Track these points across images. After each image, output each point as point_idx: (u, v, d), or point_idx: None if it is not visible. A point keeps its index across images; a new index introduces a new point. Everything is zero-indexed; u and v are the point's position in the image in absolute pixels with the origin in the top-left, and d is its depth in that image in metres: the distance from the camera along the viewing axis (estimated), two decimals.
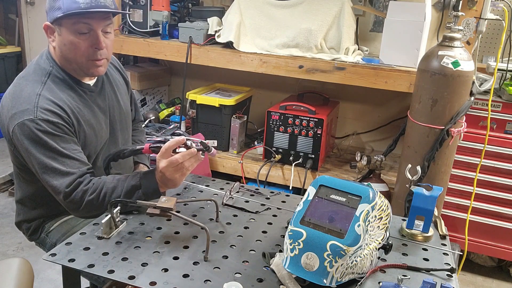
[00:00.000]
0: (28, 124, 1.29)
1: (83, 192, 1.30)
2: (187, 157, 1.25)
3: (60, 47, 1.39)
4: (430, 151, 1.87)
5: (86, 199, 1.30)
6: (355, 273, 1.03)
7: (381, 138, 2.89)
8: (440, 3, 2.42)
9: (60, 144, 1.32)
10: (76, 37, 1.36)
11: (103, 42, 1.39)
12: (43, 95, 1.34)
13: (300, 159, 2.46)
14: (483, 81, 2.25)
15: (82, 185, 1.30)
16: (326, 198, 1.08)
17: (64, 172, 1.30)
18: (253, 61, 2.43)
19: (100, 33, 1.38)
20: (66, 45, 1.37)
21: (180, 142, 1.27)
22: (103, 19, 1.38)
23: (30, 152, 1.30)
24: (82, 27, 1.35)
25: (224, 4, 2.98)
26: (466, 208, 2.31)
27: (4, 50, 3.83)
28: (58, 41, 1.39)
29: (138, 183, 1.31)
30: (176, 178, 1.27)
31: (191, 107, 2.66)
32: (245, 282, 1.02)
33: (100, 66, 1.43)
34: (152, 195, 1.31)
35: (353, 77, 2.25)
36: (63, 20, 1.34)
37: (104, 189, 1.31)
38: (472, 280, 2.46)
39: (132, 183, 1.32)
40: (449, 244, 1.27)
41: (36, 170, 1.33)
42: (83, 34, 1.36)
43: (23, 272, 1.17)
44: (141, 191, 1.31)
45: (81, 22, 1.34)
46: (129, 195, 1.31)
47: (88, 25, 1.36)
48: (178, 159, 1.24)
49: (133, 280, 1.01)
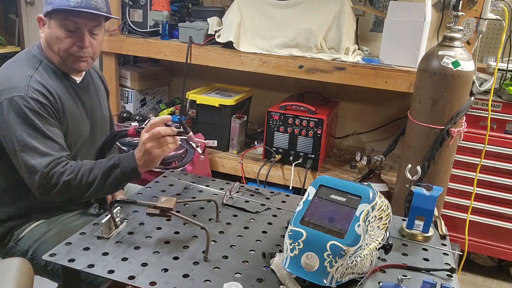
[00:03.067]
0: (17, 100, 1.31)
1: (60, 173, 1.30)
2: (168, 131, 1.30)
3: (47, 39, 1.43)
4: (430, 151, 1.87)
5: (62, 179, 1.30)
6: (355, 273, 1.03)
7: (381, 138, 2.89)
8: (440, 3, 2.42)
9: (44, 125, 1.33)
10: (63, 33, 1.40)
11: (87, 42, 1.43)
12: (35, 78, 1.38)
13: (300, 159, 2.46)
14: (483, 81, 2.25)
15: (59, 166, 1.31)
16: (326, 198, 1.08)
17: (44, 152, 1.31)
18: (253, 61, 2.43)
19: (86, 33, 1.42)
20: (53, 38, 1.42)
21: (165, 119, 1.32)
22: (91, 20, 1.42)
23: (12, 128, 1.31)
24: (69, 24, 1.40)
25: (224, 4, 2.98)
26: (466, 208, 2.31)
27: (4, 50, 3.82)
28: (46, 33, 1.44)
29: (116, 162, 1.33)
30: (156, 153, 1.30)
31: (191, 107, 2.66)
32: (245, 282, 1.01)
33: (83, 62, 1.46)
34: (130, 175, 1.33)
35: (353, 77, 2.25)
36: (53, 15, 1.39)
37: (82, 170, 1.32)
38: (472, 280, 2.46)
39: (111, 163, 1.33)
40: (449, 244, 1.27)
41: (14, 148, 1.32)
42: (69, 32, 1.40)
43: (23, 272, 1.17)
44: (119, 170, 1.32)
45: (68, 20, 1.39)
46: (107, 175, 1.32)
47: (75, 24, 1.40)
48: (160, 131, 1.29)
49: (133, 280, 1.01)
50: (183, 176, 1.63)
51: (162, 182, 1.56)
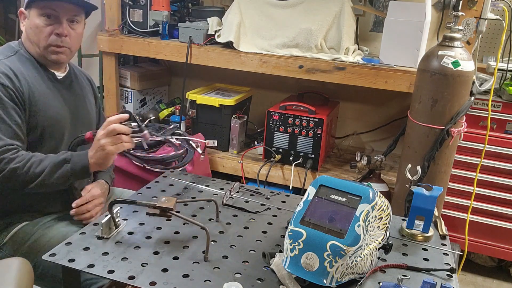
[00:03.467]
0: None
1: (9, 159, 1.29)
2: (123, 129, 1.30)
3: (27, 30, 1.45)
4: (430, 151, 1.87)
5: (10, 166, 1.29)
6: (355, 273, 1.03)
7: (381, 138, 2.89)
8: (440, 3, 2.42)
9: (3, 108, 1.33)
10: (42, 21, 1.42)
11: (65, 30, 1.44)
12: (4, 62, 1.40)
13: (300, 159, 2.46)
14: (483, 81, 2.25)
15: (10, 153, 1.30)
16: (326, 198, 1.08)
17: None
18: (253, 61, 2.43)
19: (65, 22, 1.44)
20: (32, 28, 1.43)
21: (122, 118, 1.33)
22: (70, 9, 1.44)
23: None
24: (48, 12, 1.41)
25: (224, 4, 2.98)
26: (466, 208, 2.31)
27: None
28: (26, 25, 1.45)
29: (68, 157, 1.32)
30: (109, 150, 1.30)
31: (191, 107, 2.66)
32: (245, 282, 1.01)
33: (60, 53, 1.47)
34: (80, 172, 1.32)
35: (353, 77, 2.25)
36: (33, 4, 1.42)
37: (32, 160, 1.31)
38: (472, 280, 2.46)
39: (62, 157, 1.32)
40: (449, 244, 1.27)
41: None
42: (48, 19, 1.42)
43: (23, 272, 1.17)
44: (69, 165, 1.31)
45: (48, 8, 1.41)
46: (56, 168, 1.31)
47: (55, 11, 1.42)
48: (115, 127, 1.29)
49: (133, 280, 1.01)
50: (183, 176, 1.63)
51: (162, 182, 1.56)
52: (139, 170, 2.28)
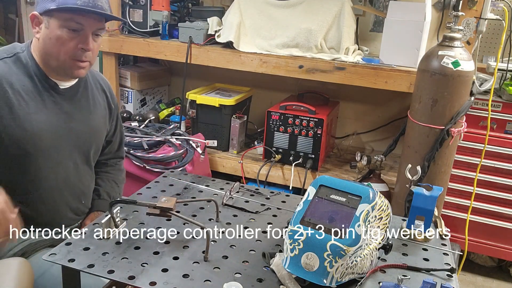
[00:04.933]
0: None
1: None
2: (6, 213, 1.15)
3: (45, 40, 1.33)
4: (430, 151, 1.87)
5: None
6: (355, 273, 1.03)
7: (381, 138, 2.89)
8: (440, 3, 2.42)
9: None
10: (65, 34, 1.31)
11: (91, 44, 1.35)
12: None
13: (300, 159, 2.46)
14: (483, 81, 2.25)
15: None
16: (326, 198, 1.08)
17: None
18: (253, 61, 2.43)
19: (90, 35, 1.35)
20: (52, 39, 1.32)
21: None
22: (97, 21, 1.35)
23: None
24: (73, 25, 1.31)
25: (224, 4, 2.98)
26: (466, 208, 2.31)
27: None
28: (43, 34, 1.33)
29: None
30: None
31: (191, 107, 2.66)
32: (245, 282, 1.01)
33: (82, 68, 1.38)
34: None
35: (353, 77, 2.25)
36: (55, 13, 1.30)
37: None
38: (472, 280, 2.46)
39: None
40: (449, 244, 1.27)
41: None
42: (73, 32, 1.32)
43: (23, 272, 1.17)
44: None
45: (73, 20, 1.30)
46: None
47: (81, 25, 1.32)
48: None
49: (133, 280, 1.00)
50: (183, 176, 1.63)
51: (162, 182, 1.56)
52: (139, 170, 2.28)
